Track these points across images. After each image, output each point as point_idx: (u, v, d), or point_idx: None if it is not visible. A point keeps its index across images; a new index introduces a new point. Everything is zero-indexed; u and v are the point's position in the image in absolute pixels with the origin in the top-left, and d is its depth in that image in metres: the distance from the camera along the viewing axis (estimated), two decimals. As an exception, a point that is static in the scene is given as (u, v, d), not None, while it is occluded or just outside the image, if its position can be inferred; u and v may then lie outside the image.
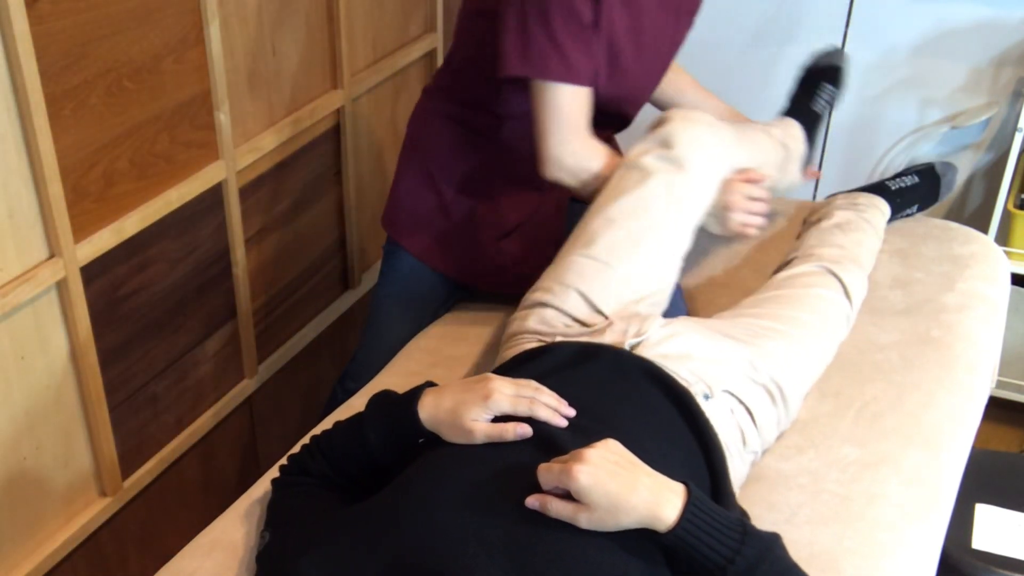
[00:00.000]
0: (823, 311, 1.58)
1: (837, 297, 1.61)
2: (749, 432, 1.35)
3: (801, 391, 1.48)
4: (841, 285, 1.62)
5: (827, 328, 1.57)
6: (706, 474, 1.22)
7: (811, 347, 1.52)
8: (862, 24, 2.40)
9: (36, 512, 1.61)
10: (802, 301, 1.58)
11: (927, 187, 1.96)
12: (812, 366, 1.52)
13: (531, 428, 1.14)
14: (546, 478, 1.04)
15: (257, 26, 1.86)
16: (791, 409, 1.45)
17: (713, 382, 1.34)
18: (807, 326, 1.53)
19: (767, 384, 1.40)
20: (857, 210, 1.84)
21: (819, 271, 1.64)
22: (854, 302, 1.64)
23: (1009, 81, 2.32)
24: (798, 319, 1.53)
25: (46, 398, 1.57)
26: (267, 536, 1.18)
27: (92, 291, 1.60)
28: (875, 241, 1.82)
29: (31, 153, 1.43)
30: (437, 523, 1.04)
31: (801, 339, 1.50)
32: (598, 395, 1.23)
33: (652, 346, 1.35)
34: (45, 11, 1.41)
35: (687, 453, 1.22)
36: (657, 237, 1.49)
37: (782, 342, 1.47)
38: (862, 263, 1.72)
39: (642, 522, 1.02)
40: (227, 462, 2.06)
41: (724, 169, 1.57)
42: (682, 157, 1.50)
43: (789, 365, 1.44)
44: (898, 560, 1.28)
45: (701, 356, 1.36)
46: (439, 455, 1.15)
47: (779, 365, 1.43)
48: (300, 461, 1.27)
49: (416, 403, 1.19)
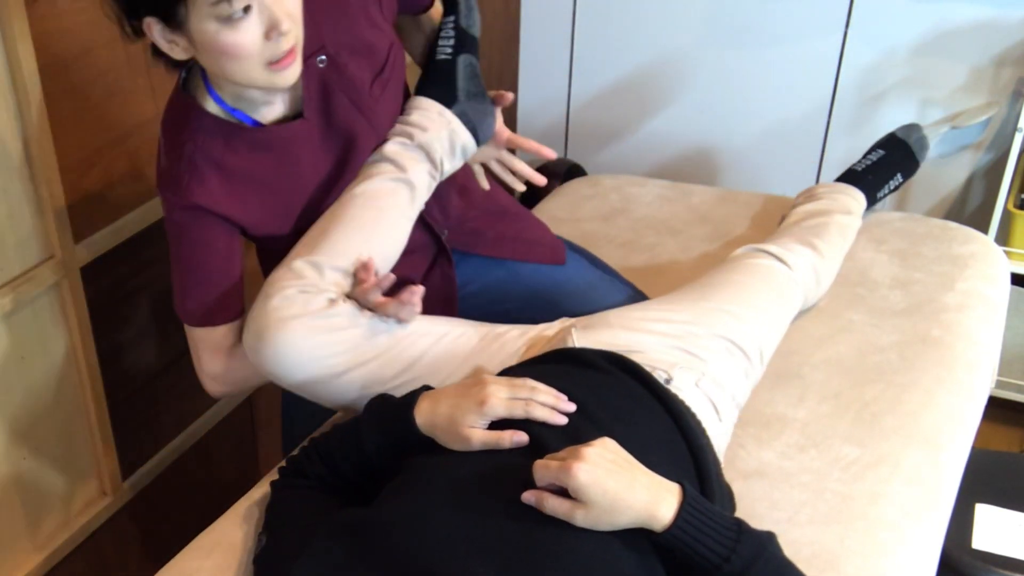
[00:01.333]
0: (750, 270, 1.60)
1: (766, 262, 1.63)
2: (720, 400, 1.35)
3: (760, 343, 1.47)
4: (769, 255, 1.64)
5: (761, 282, 1.58)
6: (689, 457, 1.21)
7: (749, 300, 1.52)
8: (862, 24, 2.40)
9: (36, 512, 1.60)
10: (725, 269, 1.61)
11: (898, 154, 1.96)
12: (758, 319, 1.51)
13: (527, 436, 1.14)
14: (543, 474, 1.04)
15: (257, 26, 1.85)
16: (753, 358, 1.45)
17: (665, 363, 1.33)
18: (737, 284, 1.55)
19: (718, 340, 1.41)
20: (815, 200, 1.86)
21: (745, 251, 1.67)
22: (792, 266, 1.64)
23: (1009, 81, 2.32)
24: (724, 280, 1.56)
25: (46, 398, 1.57)
26: (264, 539, 1.19)
27: (92, 291, 1.60)
28: (841, 221, 1.82)
29: (31, 153, 1.43)
30: (430, 527, 1.04)
31: (734, 296, 1.52)
32: (584, 392, 1.23)
33: (596, 344, 1.35)
34: (45, 11, 1.41)
35: (669, 439, 1.22)
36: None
37: (712, 302, 1.48)
38: (811, 243, 1.72)
39: (638, 521, 1.02)
40: (227, 462, 2.06)
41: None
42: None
43: (727, 318, 1.45)
44: (899, 559, 1.28)
45: (638, 344, 1.36)
46: (434, 459, 1.16)
47: (716, 320, 1.44)
48: (298, 464, 1.27)
49: (412, 409, 1.19)
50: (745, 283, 1.56)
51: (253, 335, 1.27)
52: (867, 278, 1.82)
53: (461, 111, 1.49)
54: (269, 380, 1.32)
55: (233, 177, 1.33)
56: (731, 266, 1.62)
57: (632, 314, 1.45)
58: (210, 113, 1.32)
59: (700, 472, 1.19)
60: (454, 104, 1.50)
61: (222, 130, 1.32)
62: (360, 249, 1.35)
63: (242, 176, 1.34)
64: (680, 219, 2.06)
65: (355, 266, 1.34)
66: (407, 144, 1.45)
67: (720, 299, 1.50)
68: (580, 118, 2.81)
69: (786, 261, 1.64)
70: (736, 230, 2.02)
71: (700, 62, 2.60)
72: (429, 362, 1.33)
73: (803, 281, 1.65)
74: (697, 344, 1.39)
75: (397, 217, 1.41)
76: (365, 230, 1.37)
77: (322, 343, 1.26)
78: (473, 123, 1.50)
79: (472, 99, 1.51)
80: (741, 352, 1.43)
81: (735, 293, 1.53)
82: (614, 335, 1.38)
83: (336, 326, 1.27)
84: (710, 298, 1.50)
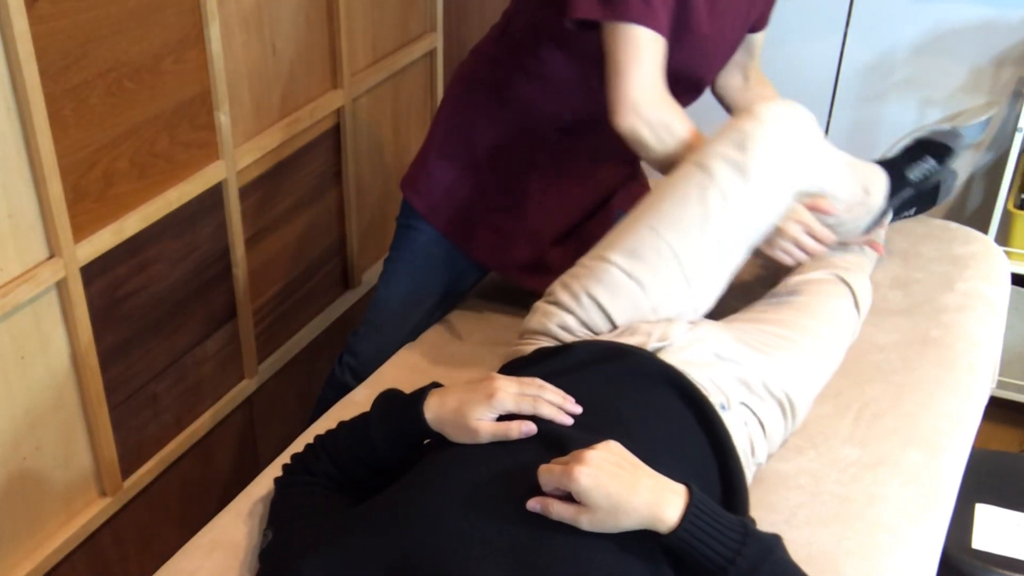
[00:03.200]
0: (835, 322, 1.57)
1: (848, 307, 1.60)
2: (759, 443, 1.36)
3: (809, 401, 1.48)
4: (852, 295, 1.61)
5: (838, 339, 1.57)
6: (718, 481, 1.22)
7: (823, 357, 1.51)
8: (862, 24, 2.40)
9: (36, 512, 1.61)
10: (816, 310, 1.56)
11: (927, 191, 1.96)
12: (821, 377, 1.52)
13: (536, 426, 1.14)
14: (546, 479, 1.04)
15: (257, 26, 1.86)
16: (798, 421, 1.45)
17: (731, 393, 1.34)
18: (820, 337, 1.52)
19: (781, 399, 1.40)
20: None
21: (832, 279, 1.62)
22: (862, 312, 1.64)
23: (1009, 81, 2.32)
24: (812, 329, 1.52)
25: (46, 398, 1.57)
26: (270, 535, 1.18)
27: (92, 291, 1.60)
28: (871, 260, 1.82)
29: (31, 153, 1.43)
30: (440, 525, 1.04)
31: (813, 350, 1.49)
32: (611, 395, 1.23)
33: (676, 351, 1.34)
34: (45, 11, 1.41)
35: (701, 460, 1.22)
36: (700, 262, 1.42)
37: (796, 353, 1.46)
38: (865, 269, 1.72)
39: (643, 523, 1.02)
40: (227, 462, 2.06)
41: (796, 187, 1.45)
42: (751, 166, 1.38)
43: (801, 377, 1.44)
44: (898, 560, 1.28)
45: (722, 365, 1.36)
46: (444, 455, 1.16)
47: (792, 378, 1.42)
48: (304, 460, 1.27)
49: (421, 403, 1.19)
50: (827, 339, 1.53)
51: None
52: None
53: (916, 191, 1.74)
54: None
55: None
56: (813, 305, 1.56)
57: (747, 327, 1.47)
58: None
59: (729, 495, 1.20)
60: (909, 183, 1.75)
61: None
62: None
63: None
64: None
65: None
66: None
67: (806, 353, 1.47)
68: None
69: (860, 306, 1.62)
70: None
71: (700, 62, 2.60)
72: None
73: (860, 326, 1.65)
74: (767, 387, 1.38)
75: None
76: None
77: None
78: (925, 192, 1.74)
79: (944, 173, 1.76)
80: (792, 413, 1.42)
81: (818, 350, 1.50)
82: (711, 345, 1.37)
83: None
84: (793, 349, 1.46)
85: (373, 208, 2.37)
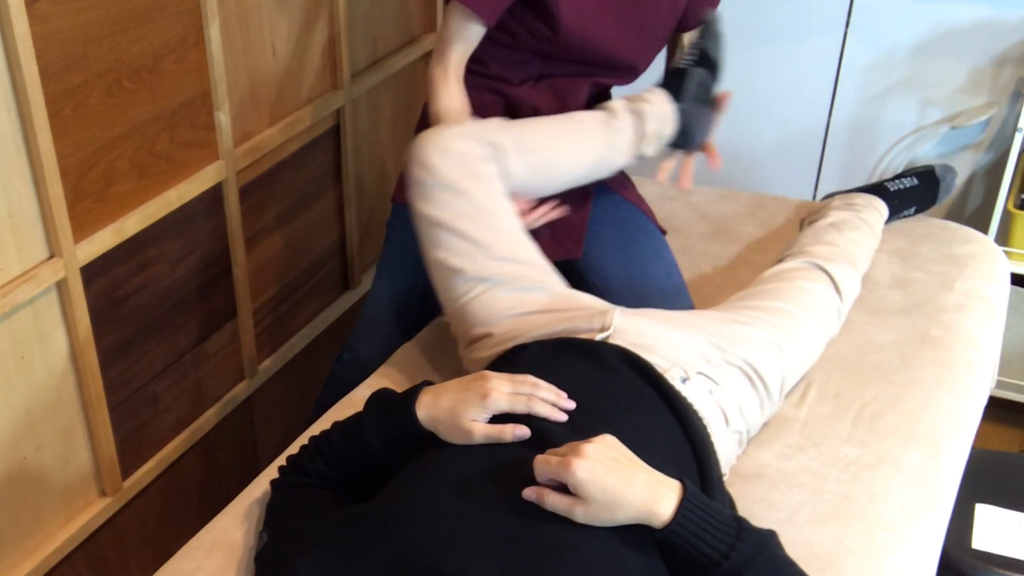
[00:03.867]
0: (806, 301, 1.58)
1: (824, 290, 1.61)
2: (731, 412, 1.36)
3: (784, 376, 1.47)
4: (830, 279, 1.62)
5: (812, 317, 1.57)
6: (693, 460, 1.21)
7: (794, 334, 1.51)
8: (862, 24, 2.40)
9: (36, 512, 1.61)
10: (785, 292, 1.58)
11: (926, 189, 1.97)
12: (796, 353, 1.51)
13: (529, 429, 1.14)
14: (542, 470, 1.04)
15: (257, 26, 1.86)
16: (773, 392, 1.44)
17: (688, 365, 1.34)
18: (789, 314, 1.53)
19: (740, 366, 1.40)
20: (854, 210, 1.85)
21: (807, 266, 1.64)
22: (844, 296, 1.63)
23: (1009, 81, 2.32)
24: (779, 308, 1.53)
25: (46, 398, 1.57)
26: (265, 537, 1.19)
27: (92, 291, 1.60)
28: (871, 240, 1.82)
29: (31, 153, 1.43)
30: (433, 523, 1.04)
31: (782, 326, 1.50)
32: (588, 389, 1.23)
33: (621, 336, 1.35)
34: (45, 11, 1.41)
35: (674, 441, 1.22)
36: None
37: (758, 327, 1.47)
38: (855, 261, 1.72)
39: (638, 518, 1.03)
40: (227, 462, 2.06)
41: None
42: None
43: (764, 348, 1.44)
44: (898, 560, 1.28)
45: (674, 339, 1.37)
46: (436, 454, 1.16)
47: (752, 348, 1.43)
48: (299, 462, 1.27)
49: (414, 403, 1.19)
50: (795, 315, 1.53)
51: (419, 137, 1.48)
52: (867, 278, 1.82)
53: (684, 109, 1.66)
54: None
55: None
56: (787, 288, 1.59)
57: (677, 315, 1.48)
58: None
59: (703, 475, 1.20)
60: (681, 100, 1.67)
61: None
62: (543, 146, 1.55)
63: None
64: (680, 218, 2.06)
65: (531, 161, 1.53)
66: (627, 106, 1.63)
67: (765, 327, 1.48)
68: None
69: (840, 291, 1.63)
70: (736, 229, 2.02)
71: (700, 62, 2.60)
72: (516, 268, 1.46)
73: (844, 315, 1.65)
74: (721, 363, 1.39)
75: (588, 143, 1.60)
76: (555, 136, 1.57)
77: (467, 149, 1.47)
78: (690, 124, 1.66)
79: (696, 104, 1.67)
80: (763, 384, 1.42)
81: (782, 324, 1.50)
82: (649, 325, 1.39)
83: (483, 156, 1.47)
84: (755, 322, 1.48)
85: (373, 208, 2.37)
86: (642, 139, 1.64)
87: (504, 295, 1.44)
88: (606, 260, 1.74)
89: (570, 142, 1.60)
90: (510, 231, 1.49)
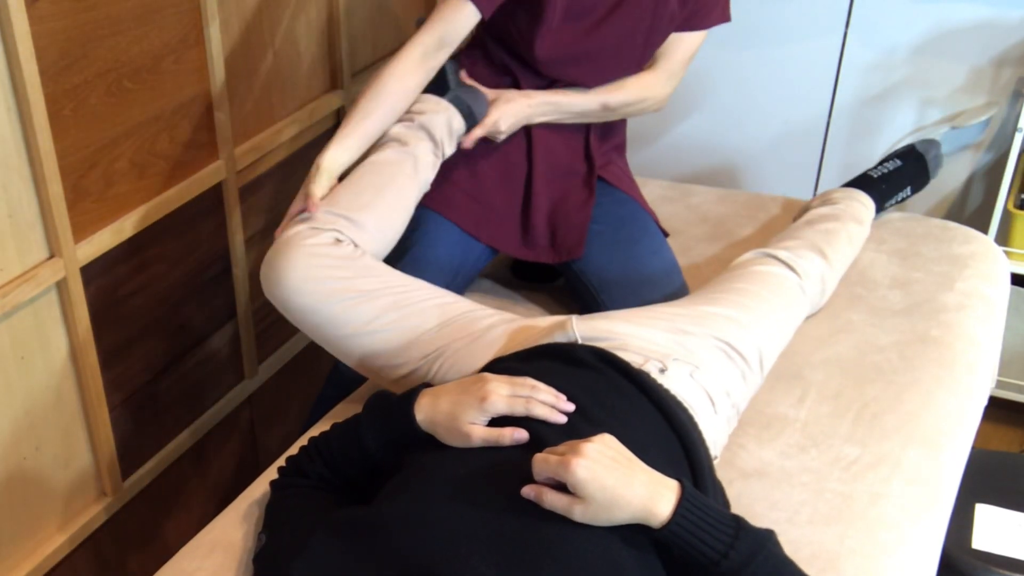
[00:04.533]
0: (758, 279, 1.59)
1: (776, 270, 1.63)
2: (716, 392, 1.36)
3: (760, 349, 1.47)
4: (780, 262, 1.64)
5: (768, 291, 1.58)
6: (681, 452, 1.21)
7: (752, 307, 1.52)
8: (862, 24, 2.40)
9: (36, 512, 1.60)
10: (737, 277, 1.61)
11: (913, 167, 1.97)
12: (763, 325, 1.51)
13: (527, 433, 1.14)
14: (541, 468, 1.04)
15: (257, 26, 1.86)
16: (752, 364, 1.45)
17: (662, 355, 1.34)
18: (743, 291, 1.55)
19: (712, 342, 1.41)
20: (831, 203, 1.87)
21: (757, 256, 1.67)
22: (803, 274, 1.64)
23: (1009, 81, 2.32)
24: (734, 288, 1.56)
25: (46, 398, 1.57)
26: (263, 538, 1.19)
27: (92, 291, 1.60)
28: (853, 229, 1.82)
29: (31, 153, 1.43)
30: (428, 526, 1.04)
31: (738, 301, 1.52)
32: (577, 391, 1.23)
33: (589, 341, 1.36)
34: (45, 11, 1.41)
35: (662, 435, 1.22)
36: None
37: (716, 306, 1.49)
38: (823, 250, 1.72)
39: (636, 517, 1.03)
40: (227, 462, 2.06)
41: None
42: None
43: (728, 322, 1.45)
44: (899, 559, 1.28)
45: (637, 337, 1.37)
46: (435, 456, 1.16)
47: (716, 323, 1.44)
48: (298, 463, 1.27)
49: (412, 406, 1.19)
50: (751, 291, 1.56)
51: (266, 263, 1.45)
52: (867, 278, 1.82)
53: (455, 96, 1.70)
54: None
55: None
56: (739, 273, 1.62)
57: (634, 310, 1.47)
58: None
59: (693, 467, 1.20)
60: (447, 93, 1.70)
61: None
62: (368, 205, 1.53)
63: None
64: (680, 219, 2.06)
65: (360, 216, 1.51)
66: (410, 125, 1.65)
67: (724, 305, 1.50)
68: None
69: (796, 269, 1.63)
70: (736, 230, 2.02)
71: (700, 62, 2.59)
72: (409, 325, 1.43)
73: (811, 290, 1.65)
74: (694, 343, 1.39)
75: (402, 182, 1.60)
76: (372, 191, 1.55)
77: (322, 264, 1.42)
78: (468, 105, 1.70)
79: (462, 88, 1.72)
80: (740, 356, 1.42)
81: (739, 300, 1.52)
82: (612, 323, 1.39)
83: (337, 254, 1.44)
84: (714, 303, 1.50)
85: (373, 208, 2.37)
86: (439, 145, 1.66)
87: (464, 355, 1.41)
88: (603, 261, 1.74)
89: (390, 191, 1.58)
90: (421, 299, 1.46)
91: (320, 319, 1.42)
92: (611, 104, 1.78)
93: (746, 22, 2.51)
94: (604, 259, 1.74)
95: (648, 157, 2.76)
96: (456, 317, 1.44)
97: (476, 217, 1.76)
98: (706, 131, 2.66)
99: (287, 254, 1.43)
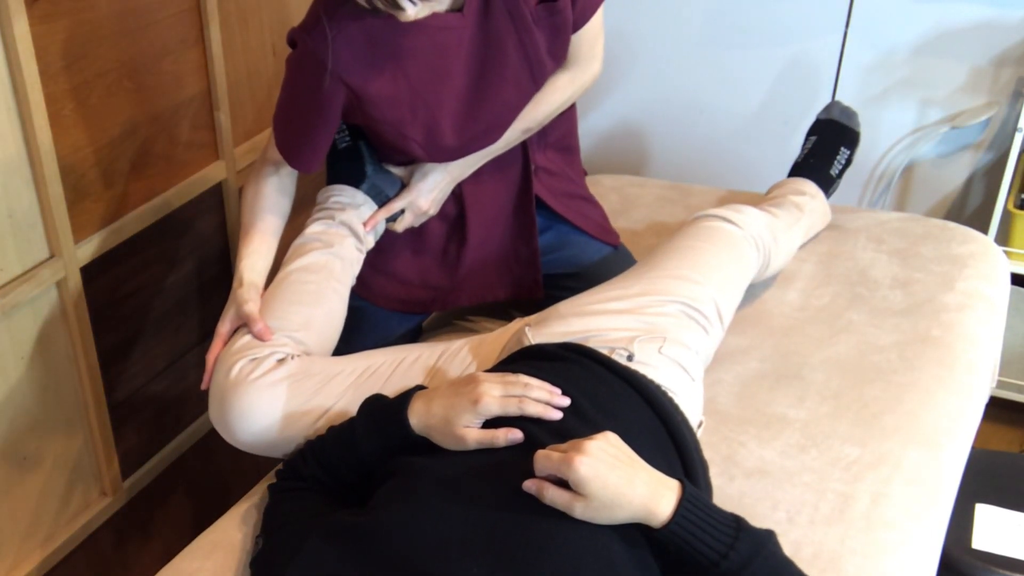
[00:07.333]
0: (697, 234, 1.59)
1: (713, 223, 1.62)
2: (687, 360, 1.36)
3: (717, 301, 1.48)
4: (716, 216, 1.63)
5: (708, 244, 1.57)
6: (669, 441, 1.22)
7: (702, 263, 1.52)
8: (862, 24, 2.40)
9: (36, 512, 1.60)
10: (675, 238, 1.60)
11: (830, 133, 1.98)
12: (715, 280, 1.51)
13: (521, 433, 1.14)
14: (544, 464, 1.04)
15: (257, 26, 1.86)
16: (711, 317, 1.46)
17: (626, 341, 1.34)
18: (689, 249, 1.55)
19: (673, 306, 1.41)
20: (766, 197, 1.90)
21: (692, 218, 1.67)
22: (743, 225, 1.63)
23: (1009, 81, 2.32)
24: (674, 248, 1.55)
25: (46, 398, 1.57)
26: (260, 542, 1.19)
27: (92, 291, 1.60)
28: (794, 199, 1.85)
29: (31, 153, 1.43)
30: (423, 528, 1.04)
31: (686, 260, 1.51)
32: (569, 388, 1.23)
33: (551, 338, 1.36)
34: (45, 11, 1.41)
35: (649, 426, 1.22)
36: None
37: (665, 269, 1.49)
38: (764, 208, 1.75)
39: (636, 517, 1.03)
40: (227, 462, 2.06)
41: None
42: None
43: (674, 281, 1.46)
44: (899, 559, 1.28)
45: (594, 328, 1.37)
46: (429, 459, 1.16)
47: (671, 286, 1.44)
48: (295, 466, 1.27)
49: (406, 409, 1.19)
50: (694, 247, 1.56)
51: (216, 403, 1.35)
52: (867, 278, 1.82)
53: (371, 186, 1.62)
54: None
55: (377, 45, 1.41)
56: (679, 233, 1.62)
57: (582, 300, 1.45)
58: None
59: (680, 451, 1.20)
60: (363, 182, 1.62)
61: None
62: (301, 318, 1.45)
63: (385, 48, 1.42)
64: (680, 219, 2.06)
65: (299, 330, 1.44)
66: (330, 223, 1.58)
67: (670, 266, 1.50)
68: (580, 119, 2.81)
69: (734, 221, 1.63)
70: (736, 230, 2.02)
71: (700, 62, 2.60)
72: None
73: (756, 237, 1.64)
74: (652, 312, 1.39)
75: (333, 287, 1.53)
76: (304, 302, 1.48)
77: (276, 397, 1.33)
78: (386, 194, 1.63)
79: (379, 173, 1.63)
80: (698, 312, 1.43)
81: (684, 257, 1.53)
82: (568, 325, 1.39)
83: (286, 378, 1.35)
84: (660, 266, 1.50)
85: (373, 208, 2.37)
86: (363, 240, 1.61)
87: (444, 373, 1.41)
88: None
89: (324, 298, 1.52)
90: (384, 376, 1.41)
91: (290, 445, 1.35)
92: (532, 126, 1.62)
93: (747, 22, 2.51)
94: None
95: (647, 157, 2.76)
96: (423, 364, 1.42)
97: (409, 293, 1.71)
98: (707, 132, 2.66)
99: (238, 403, 1.33)
